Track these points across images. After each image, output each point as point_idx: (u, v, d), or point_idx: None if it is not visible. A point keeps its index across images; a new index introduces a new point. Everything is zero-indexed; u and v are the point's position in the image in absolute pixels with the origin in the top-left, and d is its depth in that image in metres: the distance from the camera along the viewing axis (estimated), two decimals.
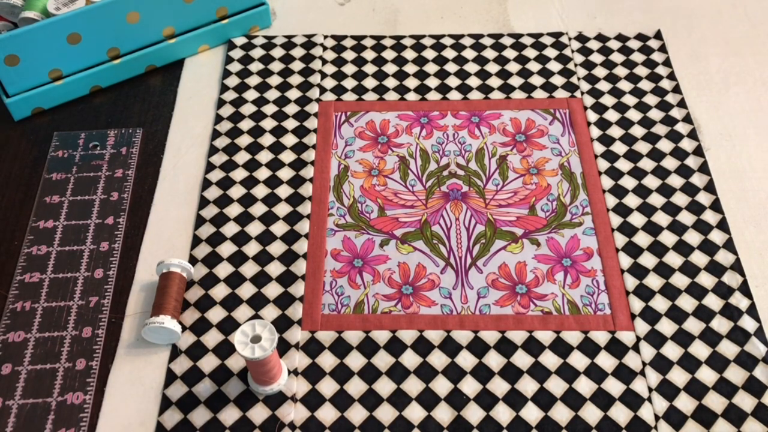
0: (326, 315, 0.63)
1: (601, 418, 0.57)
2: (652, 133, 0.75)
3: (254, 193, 0.72)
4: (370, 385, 0.59)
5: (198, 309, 0.64)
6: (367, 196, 0.71)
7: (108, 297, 0.65)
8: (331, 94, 0.80)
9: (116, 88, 0.82)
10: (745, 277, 0.64)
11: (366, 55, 0.84)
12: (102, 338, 0.62)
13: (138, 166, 0.75)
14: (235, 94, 0.80)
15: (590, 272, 0.65)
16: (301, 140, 0.76)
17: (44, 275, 0.66)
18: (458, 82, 0.81)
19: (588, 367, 0.60)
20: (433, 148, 0.75)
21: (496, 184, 0.72)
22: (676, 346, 0.61)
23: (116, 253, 0.68)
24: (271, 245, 0.68)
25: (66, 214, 0.70)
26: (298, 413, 0.58)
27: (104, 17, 0.75)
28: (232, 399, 0.59)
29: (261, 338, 0.54)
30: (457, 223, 0.69)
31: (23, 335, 0.62)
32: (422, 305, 0.64)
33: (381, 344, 0.62)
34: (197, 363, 0.61)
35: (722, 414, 0.57)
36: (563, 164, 0.73)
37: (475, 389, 0.59)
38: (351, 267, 0.66)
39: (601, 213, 0.69)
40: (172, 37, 0.82)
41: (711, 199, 0.70)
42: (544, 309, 0.63)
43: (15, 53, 0.73)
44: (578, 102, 0.78)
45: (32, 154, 0.76)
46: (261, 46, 0.85)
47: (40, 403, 0.59)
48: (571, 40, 0.84)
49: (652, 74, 0.81)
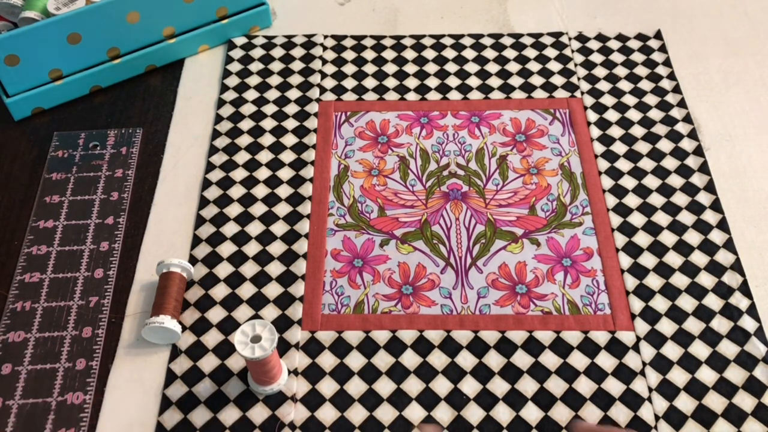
0: (326, 315, 0.63)
1: (601, 418, 0.57)
2: (652, 133, 0.75)
3: (254, 193, 0.72)
4: (370, 385, 0.59)
5: (198, 309, 0.64)
6: (367, 196, 0.71)
7: (108, 297, 0.65)
8: (331, 94, 0.80)
9: (116, 88, 0.82)
10: (745, 277, 0.64)
11: (366, 55, 0.84)
12: (102, 338, 0.62)
13: (138, 166, 0.75)
14: (235, 94, 0.80)
15: (590, 272, 0.65)
16: (301, 140, 0.76)
17: (44, 275, 0.66)
18: (458, 82, 0.81)
19: (588, 367, 0.60)
20: (433, 148, 0.75)
21: (496, 184, 0.72)
22: (676, 346, 0.61)
23: (116, 253, 0.68)
24: (271, 245, 0.68)
25: (66, 214, 0.70)
26: (298, 413, 0.58)
27: (104, 17, 0.75)
28: (232, 399, 0.59)
29: (261, 338, 0.54)
30: (457, 223, 0.69)
31: (23, 335, 0.62)
32: (422, 305, 0.64)
33: (381, 344, 0.62)
34: (197, 363, 0.61)
35: (722, 414, 0.57)
36: (563, 164, 0.73)
37: (475, 389, 0.59)
38: (351, 267, 0.66)
39: (601, 213, 0.69)
40: (172, 37, 0.82)
41: (711, 199, 0.70)
42: (544, 309, 0.63)
43: (15, 53, 0.73)
44: (578, 102, 0.78)
45: (32, 154, 0.76)
46: (261, 46, 0.85)
47: (40, 403, 0.59)
48: (571, 40, 0.84)
49: (652, 74, 0.81)
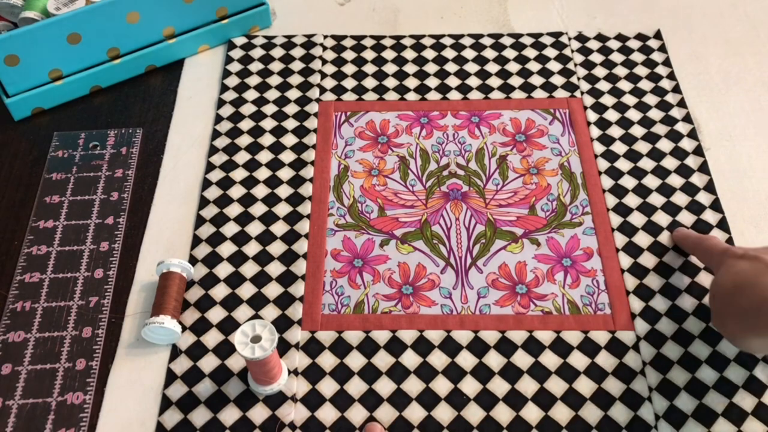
0: (326, 315, 0.63)
1: (602, 418, 0.57)
2: (652, 133, 0.75)
3: (254, 193, 0.72)
4: (371, 385, 0.59)
5: (198, 309, 0.64)
6: (367, 196, 0.71)
7: (108, 297, 0.65)
8: (331, 94, 0.80)
9: (116, 88, 0.82)
10: None
11: (366, 55, 0.84)
12: (102, 338, 0.62)
13: (138, 166, 0.75)
14: (235, 94, 0.80)
15: (590, 272, 0.65)
16: (301, 140, 0.76)
17: (44, 275, 0.66)
18: (458, 82, 0.81)
19: (588, 366, 0.60)
20: (433, 148, 0.75)
21: (496, 184, 0.72)
22: (676, 346, 0.61)
23: (116, 253, 0.68)
24: (271, 245, 0.68)
25: (66, 214, 0.70)
26: (299, 413, 0.58)
27: (104, 17, 0.75)
28: (232, 399, 0.59)
29: (261, 338, 0.54)
30: (457, 223, 0.69)
31: (23, 335, 0.62)
32: (422, 305, 0.64)
33: (381, 344, 0.62)
34: (197, 363, 0.61)
35: (722, 413, 0.57)
36: (563, 164, 0.73)
37: (476, 389, 0.59)
38: (351, 267, 0.66)
39: (601, 213, 0.69)
40: (172, 37, 0.82)
41: (711, 199, 0.70)
42: (544, 309, 0.63)
43: (15, 53, 0.73)
44: (578, 102, 0.78)
45: (32, 154, 0.76)
46: (261, 46, 0.85)
47: (40, 403, 0.59)
48: (571, 40, 0.84)
49: (652, 74, 0.81)
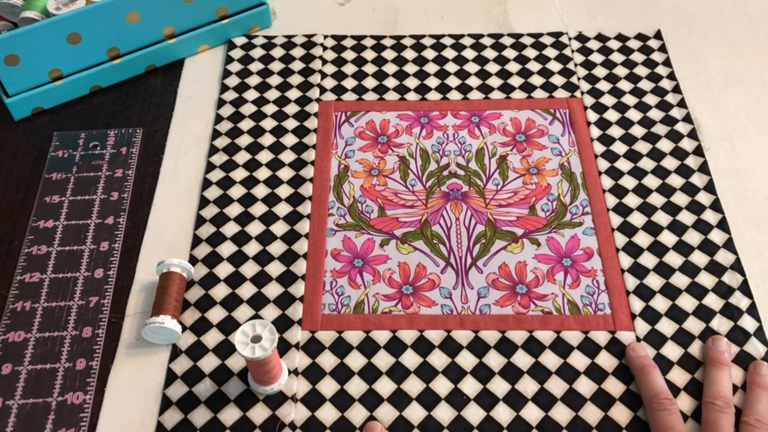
0: (326, 315, 0.63)
1: (602, 418, 0.57)
2: (652, 133, 0.75)
3: (254, 193, 0.72)
4: (371, 385, 0.59)
5: (198, 309, 0.64)
6: (367, 196, 0.71)
7: (108, 297, 0.65)
8: (331, 94, 0.80)
9: (116, 88, 0.82)
10: (745, 276, 0.64)
11: (366, 55, 0.84)
12: (102, 338, 0.62)
13: (138, 166, 0.75)
14: (235, 94, 0.80)
15: (590, 272, 0.65)
16: (301, 140, 0.76)
17: (44, 275, 0.66)
18: (458, 82, 0.81)
19: (588, 367, 0.60)
20: (433, 148, 0.75)
21: (496, 184, 0.72)
22: (676, 346, 0.61)
23: (116, 253, 0.68)
24: (271, 245, 0.68)
25: (66, 214, 0.70)
26: (299, 413, 0.58)
27: (104, 17, 0.75)
28: (232, 399, 0.59)
29: (261, 338, 0.54)
30: (457, 223, 0.69)
31: (23, 335, 0.62)
32: (422, 305, 0.64)
33: (381, 344, 0.61)
34: (197, 363, 0.61)
35: None
36: (563, 164, 0.73)
37: (476, 389, 0.59)
38: (351, 267, 0.66)
39: (601, 213, 0.69)
40: (172, 37, 0.82)
41: (711, 199, 0.70)
42: (544, 309, 0.63)
43: (15, 53, 0.73)
44: (578, 102, 0.78)
45: (32, 154, 0.76)
46: (261, 46, 0.85)
47: (40, 403, 0.59)
48: (571, 40, 0.84)
49: (652, 74, 0.81)
